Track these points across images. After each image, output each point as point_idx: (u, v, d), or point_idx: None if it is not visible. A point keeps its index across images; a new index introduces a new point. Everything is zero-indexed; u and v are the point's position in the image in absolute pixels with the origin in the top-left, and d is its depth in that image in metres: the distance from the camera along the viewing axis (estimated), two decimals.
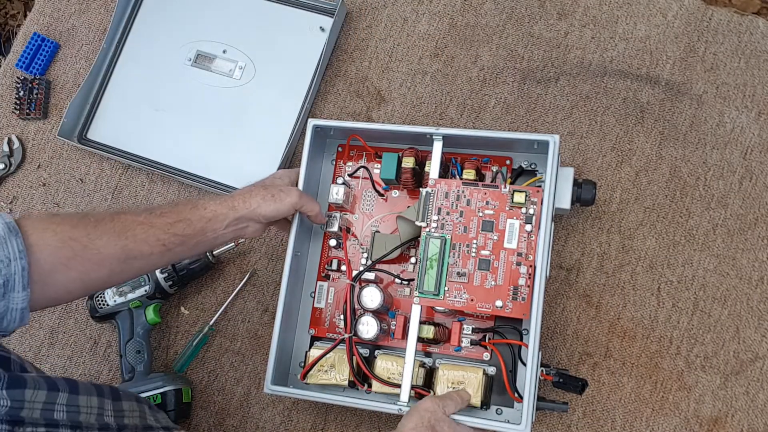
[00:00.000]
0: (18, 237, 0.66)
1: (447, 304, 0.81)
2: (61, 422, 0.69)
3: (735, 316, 0.89)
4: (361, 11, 1.06)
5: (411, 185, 0.88)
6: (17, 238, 0.66)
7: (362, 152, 0.94)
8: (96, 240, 0.71)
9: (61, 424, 0.69)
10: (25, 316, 0.68)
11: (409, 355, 0.81)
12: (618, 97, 0.97)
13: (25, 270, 0.66)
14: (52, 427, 0.68)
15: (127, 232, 0.73)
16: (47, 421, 0.67)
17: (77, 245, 0.70)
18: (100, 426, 0.73)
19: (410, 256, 0.89)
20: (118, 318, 0.96)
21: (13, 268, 0.65)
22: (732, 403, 0.87)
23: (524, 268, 0.80)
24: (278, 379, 0.86)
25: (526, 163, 0.87)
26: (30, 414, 0.65)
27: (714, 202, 0.92)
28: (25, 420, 0.65)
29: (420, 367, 0.82)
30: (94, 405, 0.73)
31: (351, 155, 0.94)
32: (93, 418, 0.72)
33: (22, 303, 0.67)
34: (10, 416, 0.64)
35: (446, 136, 0.85)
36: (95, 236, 0.71)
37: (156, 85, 1.08)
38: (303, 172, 0.89)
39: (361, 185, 0.93)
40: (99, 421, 0.73)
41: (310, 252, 0.93)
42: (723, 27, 0.97)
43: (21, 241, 0.66)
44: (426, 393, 0.81)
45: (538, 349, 0.78)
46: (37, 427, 0.66)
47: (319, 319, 0.91)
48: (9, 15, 1.62)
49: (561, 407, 0.83)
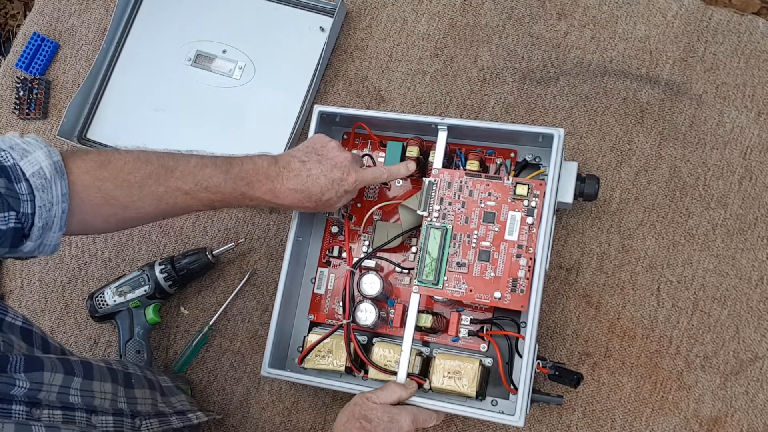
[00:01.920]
0: (63, 180, 0.66)
1: (446, 293, 0.82)
2: (76, 405, 0.69)
3: (735, 316, 0.89)
4: (361, 11, 1.06)
5: (415, 175, 0.89)
6: (62, 181, 0.65)
7: (367, 140, 0.94)
8: (137, 202, 0.71)
9: (76, 407, 0.69)
10: (57, 248, 0.69)
11: (407, 343, 0.82)
12: (618, 97, 0.97)
13: (65, 213, 0.66)
14: (68, 411, 0.68)
15: (169, 199, 0.73)
16: (63, 404, 0.68)
17: (118, 204, 0.71)
18: (114, 411, 0.74)
19: (411, 245, 0.89)
20: (117, 318, 0.96)
21: (54, 211, 0.65)
22: (732, 403, 0.87)
23: (524, 261, 0.80)
24: (276, 362, 0.87)
25: (531, 156, 0.88)
26: (47, 396, 0.66)
27: (714, 202, 0.92)
28: (42, 402, 0.66)
29: (417, 356, 0.82)
30: (108, 391, 0.74)
31: (356, 143, 0.95)
32: (107, 403, 0.73)
33: (56, 240, 0.67)
34: (28, 398, 0.64)
35: (451, 126, 0.86)
36: (137, 198, 0.71)
37: (156, 85, 1.08)
38: None
39: None
40: (113, 407, 0.74)
41: (312, 238, 0.94)
42: (723, 27, 0.97)
43: (65, 184, 0.66)
44: (422, 381, 0.81)
45: (535, 341, 0.78)
46: (53, 410, 0.67)
47: (318, 305, 0.92)
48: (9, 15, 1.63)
49: (556, 400, 0.84)
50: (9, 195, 0.62)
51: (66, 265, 1.05)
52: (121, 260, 1.04)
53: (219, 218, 1.03)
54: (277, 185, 0.77)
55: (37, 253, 0.68)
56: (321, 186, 0.78)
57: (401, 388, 0.79)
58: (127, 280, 0.96)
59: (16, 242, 0.64)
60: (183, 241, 1.03)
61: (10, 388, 0.62)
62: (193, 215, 1.04)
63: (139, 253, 1.04)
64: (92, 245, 1.05)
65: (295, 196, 0.78)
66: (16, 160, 0.64)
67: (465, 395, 0.81)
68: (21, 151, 0.64)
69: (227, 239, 1.02)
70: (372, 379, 0.83)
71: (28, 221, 0.64)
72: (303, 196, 0.78)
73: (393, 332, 0.87)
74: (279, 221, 1.01)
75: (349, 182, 0.81)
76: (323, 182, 0.79)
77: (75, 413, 0.69)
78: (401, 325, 0.86)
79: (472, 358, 0.81)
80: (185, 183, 0.73)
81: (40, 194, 0.64)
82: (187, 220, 1.04)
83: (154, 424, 0.79)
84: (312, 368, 0.86)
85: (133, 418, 0.76)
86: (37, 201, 0.64)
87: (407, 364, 0.81)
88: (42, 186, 0.64)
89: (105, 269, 1.04)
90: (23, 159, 0.64)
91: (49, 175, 0.64)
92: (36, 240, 0.65)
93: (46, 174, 0.64)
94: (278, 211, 1.02)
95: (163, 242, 1.04)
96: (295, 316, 0.92)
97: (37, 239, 0.65)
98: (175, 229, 1.04)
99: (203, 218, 1.04)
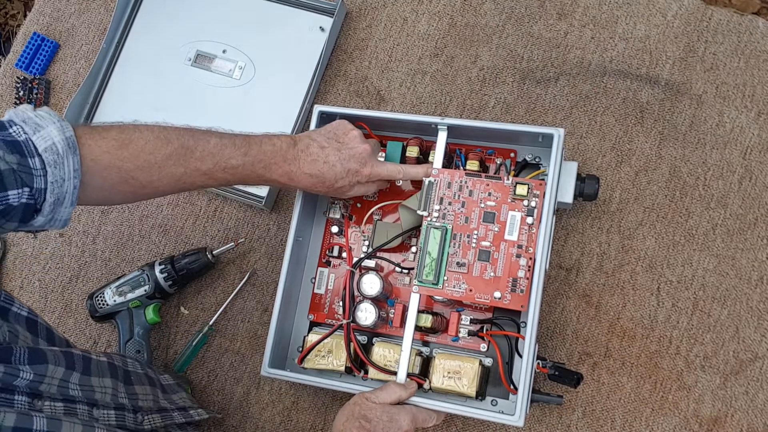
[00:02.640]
0: (75, 155, 0.65)
1: (446, 293, 0.82)
2: (77, 398, 0.70)
3: (734, 316, 0.89)
4: (361, 11, 1.06)
5: None
6: (74, 157, 0.65)
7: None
8: (156, 182, 0.72)
9: (77, 400, 0.70)
10: (67, 223, 0.68)
11: (406, 342, 0.82)
12: (618, 97, 0.97)
13: (77, 189, 0.66)
14: (69, 403, 0.69)
15: (187, 179, 0.74)
16: (64, 397, 0.68)
17: (137, 183, 0.71)
18: (116, 405, 0.74)
19: (411, 245, 0.89)
20: (117, 318, 0.96)
21: (66, 187, 0.65)
22: (731, 403, 0.87)
23: (524, 261, 0.80)
24: (276, 362, 0.87)
25: (531, 156, 0.88)
26: (48, 389, 0.66)
27: (713, 202, 0.92)
28: (44, 394, 0.66)
29: (417, 356, 0.82)
30: (108, 386, 0.74)
31: None
32: (108, 397, 0.74)
33: (66, 215, 0.67)
34: (30, 389, 0.65)
35: (451, 126, 0.86)
36: (156, 178, 0.72)
37: (156, 85, 1.08)
38: None
39: None
40: (114, 401, 0.74)
41: (312, 238, 0.94)
42: (723, 27, 0.97)
43: (78, 160, 0.65)
44: (422, 381, 0.81)
45: (534, 341, 0.78)
46: (54, 402, 0.67)
47: (318, 305, 0.92)
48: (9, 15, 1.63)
49: (556, 400, 0.84)
50: (22, 171, 0.62)
51: (66, 265, 1.05)
52: (121, 260, 1.04)
53: (219, 218, 1.03)
54: (294, 168, 0.79)
55: (48, 227, 0.67)
56: (336, 174, 0.80)
57: (401, 388, 0.79)
58: (127, 280, 0.96)
59: (27, 217, 0.64)
60: (183, 241, 1.03)
61: (14, 378, 0.63)
62: (193, 215, 1.04)
63: (139, 253, 1.04)
64: (92, 245, 1.05)
65: (310, 180, 0.80)
66: (29, 134, 0.63)
67: (465, 395, 0.81)
68: (34, 125, 0.64)
69: (227, 239, 1.02)
70: (372, 379, 0.83)
71: (41, 197, 0.64)
72: (317, 181, 0.80)
73: (393, 332, 0.87)
74: (279, 221, 1.01)
75: (364, 174, 0.82)
76: (339, 170, 0.80)
77: (76, 406, 0.69)
78: (401, 325, 0.85)
79: (472, 358, 0.81)
80: (204, 164, 0.74)
81: (53, 170, 0.63)
82: (187, 219, 1.04)
83: (156, 420, 0.79)
84: (312, 368, 0.86)
85: (135, 413, 0.76)
86: (49, 177, 0.63)
87: (407, 364, 0.81)
88: (54, 162, 0.63)
89: (105, 269, 1.04)
90: (36, 134, 0.63)
91: (61, 150, 0.64)
92: (47, 215, 0.65)
93: (59, 149, 0.64)
94: (278, 211, 1.02)
95: (163, 242, 1.04)
96: (295, 316, 0.92)
97: (48, 214, 0.65)
98: (175, 229, 1.04)
99: (203, 218, 1.04)
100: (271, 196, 0.99)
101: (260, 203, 0.98)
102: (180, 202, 1.05)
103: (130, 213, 1.06)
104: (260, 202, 0.98)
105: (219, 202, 1.04)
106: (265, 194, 0.98)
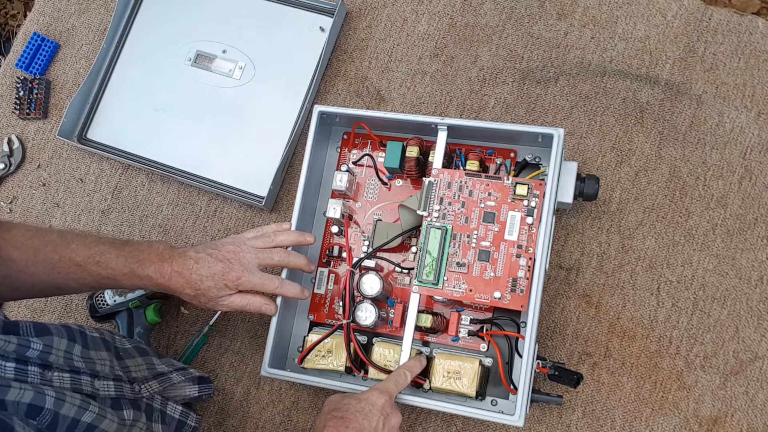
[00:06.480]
0: None
1: (446, 293, 0.82)
2: (81, 369, 0.73)
3: (734, 316, 0.89)
4: (361, 11, 1.06)
5: (414, 175, 0.89)
6: None
7: (367, 140, 0.95)
8: (32, 267, 0.75)
9: (82, 371, 0.73)
10: None
11: (406, 342, 0.82)
12: (617, 97, 0.97)
13: None
14: (75, 374, 0.72)
15: (62, 269, 0.76)
16: (71, 368, 0.72)
17: (14, 266, 0.75)
18: (114, 377, 0.78)
19: (411, 245, 0.89)
20: (118, 318, 0.96)
21: None
22: (731, 403, 0.87)
23: (524, 261, 0.80)
24: (276, 362, 0.87)
25: (531, 156, 0.88)
26: (56, 360, 0.70)
27: (713, 202, 0.92)
28: (53, 365, 0.70)
29: (417, 356, 0.82)
30: (105, 358, 0.78)
31: (356, 143, 0.95)
32: (107, 369, 0.77)
33: None
34: (41, 360, 0.69)
35: (451, 126, 0.86)
36: (32, 263, 0.75)
37: (156, 85, 1.08)
38: (307, 158, 0.90)
39: (365, 173, 0.94)
40: (112, 373, 0.78)
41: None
42: (722, 27, 0.97)
43: None
44: (422, 381, 0.81)
45: (534, 341, 0.79)
46: (63, 373, 0.71)
47: (318, 305, 0.92)
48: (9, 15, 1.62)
49: (555, 400, 0.84)
50: None
51: None
52: None
53: (219, 218, 1.03)
54: (165, 266, 0.78)
55: None
56: (201, 275, 0.78)
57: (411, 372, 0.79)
58: None
59: None
60: (183, 241, 1.03)
61: (26, 350, 0.67)
62: (194, 215, 1.04)
63: None
64: None
65: (178, 279, 0.78)
66: None
67: (465, 395, 0.81)
68: None
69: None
70: (372, 379, 0.83)
71: None
72: (184, 281, 0.78)
73: (393, 332, 0.87)
74: (279, 221, 1.01)
75: (230, 279, 0.79)
76: (204, 272, 0.78)
77: (81, 377, 0.72)
78: (401, 325, 0.86)
79: (472, 358, 0.81)
80: (78, 255, 0.76)
81: None
82: (187, 220, 1.04)
83: (154, 386, 0.82)
84: (312, 368, 0.86)
85: (131, 384, 0.79)
86: None
87: None
88: None
89: None
90: None
91: None
92: None
93: None
94: (278, 211, 1.02)
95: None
96: (295, 316, 0.92)
97: None
98: (176, 229, 1.04)
99: (203, 218, 1.04)
100: (271, 196, 0.99)
101: (260, 203, 0.98)
102: (180, 202, 1.05)
103: (130, 213, 1.06)
104: (260, 202, 0.98)
105: (219, 202, 1.04)
106: (265, 194, 0.98)
